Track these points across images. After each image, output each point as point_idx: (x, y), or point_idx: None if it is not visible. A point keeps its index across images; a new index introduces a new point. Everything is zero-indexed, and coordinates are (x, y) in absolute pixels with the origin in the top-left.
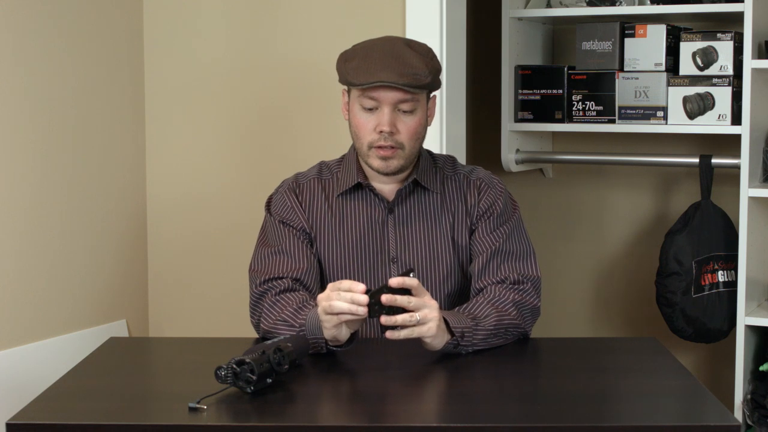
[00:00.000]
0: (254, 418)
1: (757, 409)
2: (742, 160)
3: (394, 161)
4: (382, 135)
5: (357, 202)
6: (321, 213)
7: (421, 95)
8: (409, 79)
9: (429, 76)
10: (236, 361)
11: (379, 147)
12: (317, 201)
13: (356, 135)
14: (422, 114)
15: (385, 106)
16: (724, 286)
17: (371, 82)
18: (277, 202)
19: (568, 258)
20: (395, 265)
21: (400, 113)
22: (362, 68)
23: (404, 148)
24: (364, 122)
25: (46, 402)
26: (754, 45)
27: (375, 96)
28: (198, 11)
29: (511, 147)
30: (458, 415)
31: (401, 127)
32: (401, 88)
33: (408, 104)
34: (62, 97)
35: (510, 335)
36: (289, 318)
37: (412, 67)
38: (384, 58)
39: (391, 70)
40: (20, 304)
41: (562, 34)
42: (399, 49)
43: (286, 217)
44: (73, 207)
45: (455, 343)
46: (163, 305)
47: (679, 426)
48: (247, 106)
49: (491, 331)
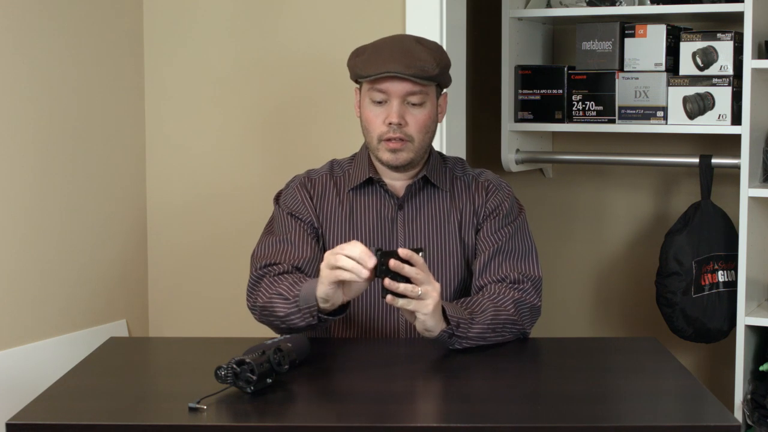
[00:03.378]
0: (254, 418)
1: (757, 409)
2: (742, 160)
3: (404, 154)
4: (392, 127)
5: (368, 198)
6: (332, 207)
7: (430, 89)
8: (417, 70)
9: (437, 68)
10: (236, 361)
11: (389, 139)
12: (329, 195)
13: (366, 129)
14: (432, 108)
15: (394, 99)
16: (724, 286)
17: (379, 72)
18: (287, 195)
19: (568, 258)
20: None
21: (409, 106)
22: (371, 61)
23: (413, 140)
24: (373, 116)
25: (46, 402)
26: (754, 45)
27: (384, 88)
28: (198, 11)
29: (511, 147)
30: (458, 415)
31: (410, 120)
32: (409, 79)
33: (417, 96)
34: (62, 97)
35: (507, 332)
36: (284, 291)
37: (420, 60)
38: (393, 52)
39: (399, 62)
40: (20, 304)
41: (562, 34)
42: (408, 44)
43: (296, 209)
44: (74, 207)
45: (450, 333)
46: (163, 305)
47: (679, 426)
48: (248, 107)
49: (488, 325)
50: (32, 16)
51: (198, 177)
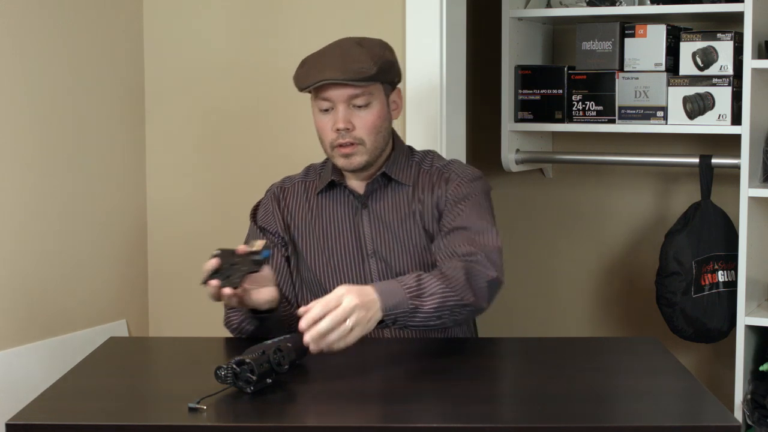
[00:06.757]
0: (254, 418)
1: (757, 409)
2: (742, 160)
3: (357, 157)
4: (340, 133)
5: (333, 200)
6: (302, 213)
7: (374, 88)
8: (353, 73)
9: (374, 67)
10: (236, 361)
11: (340, 145)
12: (299, 202)
13: (319, 138)
14: (380, 107)
15: (338, 105)
16: (724, 286)
17: (315, 81)
18: (260, 208)
19: (568, 258)
20: (374, 260)
21: (354, 109)
22: (309, 71)
23: (365, 143)
24: (323, 124)
25: (46, 402)
26: (754, 45)
27: (327, 96)
28: (198, 11)
29: (511, 147)
30: (458, 415)
31: (357, 123)
32: (346, 84)
33: (361, 99)
34: (62, 96)
35: (457, 315)
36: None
37: (356, 62)
38: (330, 58)
39: (335, 69)
40: (20, 304)
41: (562, 34)
42: (347, 47)
43: (265, 222)
44: (73, 207)
45: (385, 326)
46: (163, 305)
47: (679, 426)
48: (248, 107)
49: (431, 313)
50: (32, 16)
51: (198, 177)
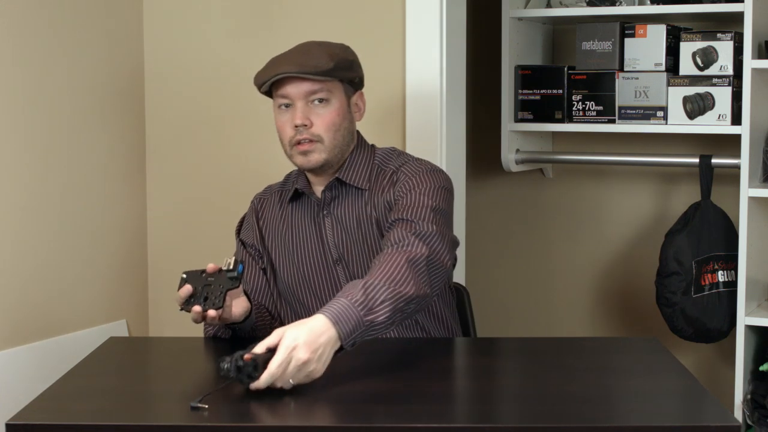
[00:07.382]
0: (254, 418)
1: (757, 409)
2: (742, 160)
3: (315, 155)
4: (298, 129)
5: (300, 207)
6: (275, 223)
7: (333, 85)
8: (309, 68)
9: (330, 62)
10: (240, 355)
11: (299, 142)
12: (273, 212)
13: (280, 138)
14: (340, 105)
15: (297, 101)
16: (724, 286)
17: (272, 75)
18: (244, 222)
19: (568, 258)
20: (340, 267)
21: (313, 106)
22: (267, 68)
23: (323, 140)
24: (282, 122)
25: (46, 402)
26: (754, 45)
27: (285, 93)
28: (198, 12)
29: (511, 147)
30: (458, 415)
31: (316, 119)
32: (303, 78)
33: (319, 94)
34: (61, 96)
35: (411, 309)
36: None
37: (313, 58)
38: (288, 55)
39: (292, 63)
40: (20, 304)
41: (562, 34)
42: (308, 47)
43: (245, 235)
44: (73, 206)
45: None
46: (163, 305)
47: (679, 426)
48: (248, 107)
49: (385, 323)
50: (31, 16)
51: (198, 177)
